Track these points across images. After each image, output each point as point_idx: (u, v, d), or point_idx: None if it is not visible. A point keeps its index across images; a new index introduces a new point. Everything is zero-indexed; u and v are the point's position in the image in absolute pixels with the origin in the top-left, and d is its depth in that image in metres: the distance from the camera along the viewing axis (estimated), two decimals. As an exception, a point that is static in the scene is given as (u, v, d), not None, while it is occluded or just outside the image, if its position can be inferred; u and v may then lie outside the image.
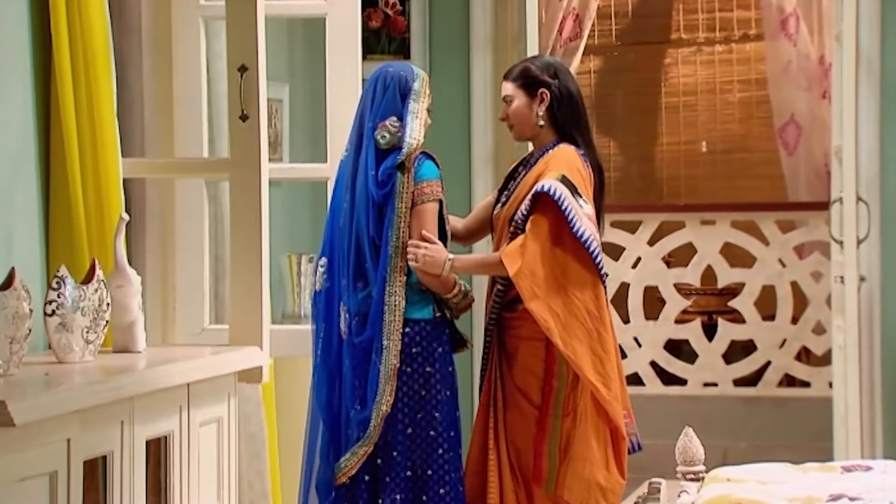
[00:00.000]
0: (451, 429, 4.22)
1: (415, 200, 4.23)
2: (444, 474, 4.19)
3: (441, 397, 4.21)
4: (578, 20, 7.35)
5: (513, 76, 4.43)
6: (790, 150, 7.82)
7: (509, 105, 4.42)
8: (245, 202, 4.19)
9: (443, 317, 4.26)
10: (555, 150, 4.37)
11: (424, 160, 4.26)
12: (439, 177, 4.28)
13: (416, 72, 4.33)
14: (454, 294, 4.27)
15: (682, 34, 9.15)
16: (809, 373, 7.32)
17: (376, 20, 6.13)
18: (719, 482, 3.74)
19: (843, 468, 3.89)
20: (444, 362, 4.23)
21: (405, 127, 4.23)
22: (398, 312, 4.19)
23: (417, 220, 4.22)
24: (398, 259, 4.20)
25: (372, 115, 4.25)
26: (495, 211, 4.46)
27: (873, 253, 5.79)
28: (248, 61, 4.15)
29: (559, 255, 4.23)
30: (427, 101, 4.30)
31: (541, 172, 4.30)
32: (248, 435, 4.61)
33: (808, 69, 7.65)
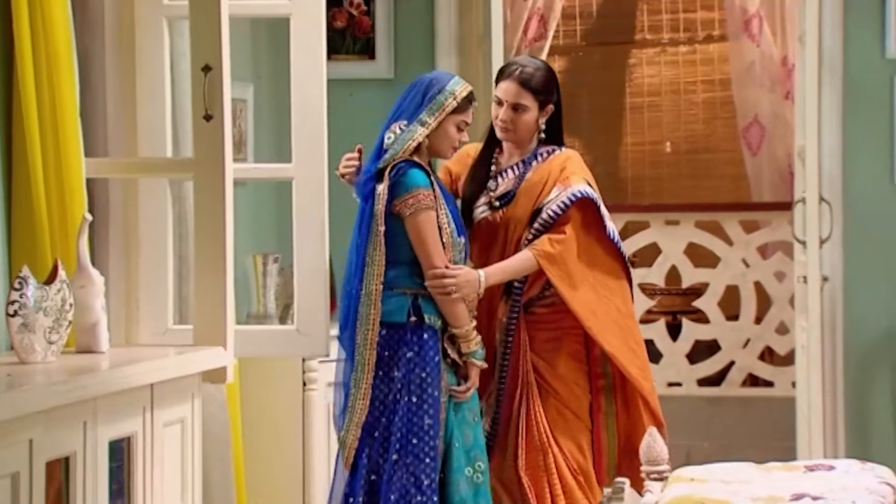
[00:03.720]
0: (413, 436, 4.17)
1: (402, 212, 4.20)
2: (397, 481, 4.16)
3: (402, 403, 4.19)
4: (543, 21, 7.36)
5: (530, 85, 4.42)
6: (754, 150, 7.85)
7: (518, 113, 4.42)
8: (209, 202, 4.18)
9: (418, 321, 4.22)
10: (562, 156, 4.47)
11: (408, 169, 4.21)
12: (428, 185, 4.22)
13: (450, 86, 4.26)
14: (465, 332, 4.23)
15: (646, 35, 9.18)
16: (773, 373, 7.35)
17: (341, 20, 6.12)
18: (683, 482, 3.75)
19: (805, 468, 3.91)
20: (412, 368, 4.19)
21: (403, 133, 4.21)
22: (372, 323, 4.17)
23: (415, 233, 4.19)
24: (373, 269, 4.19)
25: (391, 116, 4.27)
26: (486, 214, 4.44)
27: (836, 253, 5.82)
28: (212, 61, 4.14)
29: (593, 255, 4.40)
30: (459, 116, 4.24)
31: (554, 177, 4.37)
32: (213, 435, 4.60)
33: (771, 70, 7.68)
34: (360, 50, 6.13)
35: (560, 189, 4.40)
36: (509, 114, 4.43)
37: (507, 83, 4.45)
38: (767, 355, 7.43)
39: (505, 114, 4.44)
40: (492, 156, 4.53)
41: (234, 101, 5.06)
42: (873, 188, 5.87)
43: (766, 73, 7.71)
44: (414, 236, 4.20)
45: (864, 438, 5.86)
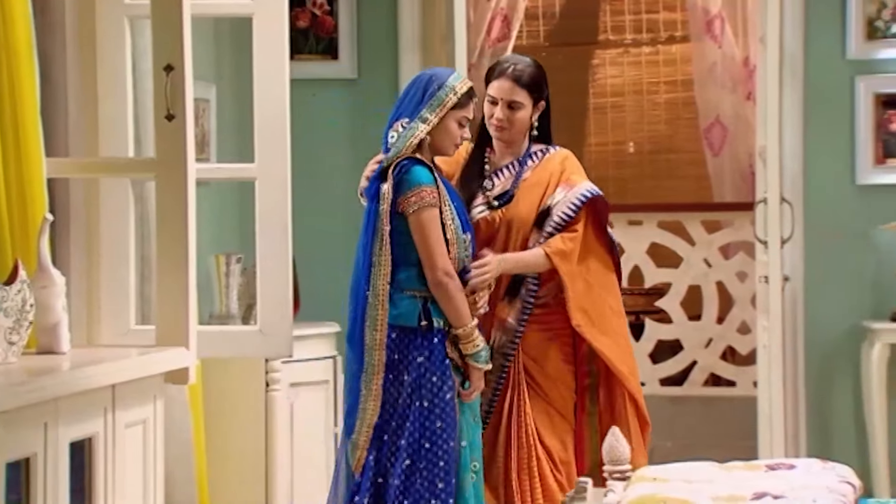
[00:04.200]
0: (426, 440, 4.13)
1: (405, 210, 4.17)
2: (411, 486, 4.12)
3: (413, 408, 4.15)
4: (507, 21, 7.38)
5: (524, 81, 4.43)
6: (716, 150, 7.89)
7: (514, 111, 4.42)
8: (171, 202, 4.16)
9: (430, 325, 4.18)
10: (558, 155, 4.50)
11: (411, 166, 4.18)
12: (432, 182, 4.18)
13: (450, 81, 4.24)
14: (467, 332, 4.19)
15: (609, 35, 9.20)
16: (735, 372, 7.39)
17: (304, 20, 6.11)
18: (645, 481, 3.76)
19: (767, 467, 3.92)
20: (423, 372, 4.16)
21: (405, 131, 4.20)
22: (380, 324, 4.16)
23: (418, 231, 4.16)
24: (379, 270, 4.17)
25: (393, 115, 4.25)
26: (485, 213, 4.45)
27: (797, 253, 5.86)
28: (175, 61, 4.11)
29: (591, 252, 4.44)
30: (460, 112, 4.22)
31: (556, 177, 4.40)
32: (175, 436, 4.58)
33: (732, 71, 7.72)
34: (323, 50, 6.12)
35: (565, 190, 4.44)
36: (505, 112, 4.44)
37: (501, 81, 4.46)
38: (729, 355, 7.46)
39: (501, 112, 4.44)
40: (484, 155, 4.54)
41: (197, 100, 5.04)
42: (834, 188, 5.91)
43: (728, 74, 7.75)
44: (416, 234, 4.16)
45: (825, 437, 5.90)
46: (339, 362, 5.65)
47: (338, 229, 6.16)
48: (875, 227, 5.84)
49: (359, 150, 6.17)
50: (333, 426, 5.59)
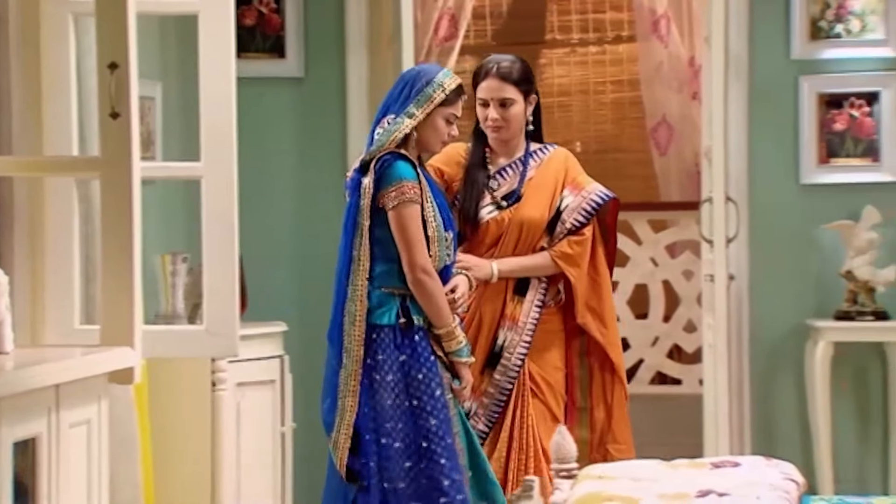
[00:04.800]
0: (422, 439, 4.11)
1: (385, 205, 4.13)
2: (417, 487, 4.09)
3: (402, 408, 4.12)
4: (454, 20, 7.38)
5: (512, 78, 4.44)
6: (662, 150, 7.92)
7: (507, 108, 4.43)
8: (116, 201, 4.13)
9: (408, 323, 4.17)
10: (559, 155, 4.58)
11: (394, 161, 4.15)
12: (414, 177, 4.15)
13: (438, 77, 4.22)
14: (448, 331, 4.17)
15: (556, 35, 9.22)
16: (680, 370, 7.42)
17: (250, 18, 6.09)
18: (591, 479, 3.77)
19: (712, 464, 3.95)
20: (408, 371, 4.13)
21: (390, 126, 4.16)
22: (359, 320, 4.12)
23: (397, 227, 4.12)
24: (358, 265, 4.13)
25: (380, 111, 4.22)
26: (494, 214, 4.46)
27: (742, 252, 5.90)
28: (119, 58, 4.08)
29: (599, 254, 4.54)
30: (448, 109, 4.20)
31: (561, 179, 4.45)
32: (120, 436, 4.55)
33: (678, 70, 7.76)
34: (270, 48, 6.10)
35: (574, 193, 4.50)
36: (499, 111, 4.44)
37: (489, 81, 4.47)
38: (675, 353, 7.50)
39: (494, 112, 4.44)
40: (485, 156, 4.54)
41: (142, 98, 5.01)
42: (778, 188, 5.95)
43: (674, 74, 7.78)
44: (396, 230, 4.13)
45: (769, 435, 5.94)
46: (286, 362, 5.64)
47: (285, 228, 6.15)
48: (819, 227, 5.89)
49: (305, 148, 6.16)
50: (280, 426, 5.57)
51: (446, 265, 4.24)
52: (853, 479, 5.88)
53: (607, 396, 4.57)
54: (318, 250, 6.13)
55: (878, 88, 5.89)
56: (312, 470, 6.03)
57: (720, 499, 3.51)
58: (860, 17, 5.88)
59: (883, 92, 5.88)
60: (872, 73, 5.89)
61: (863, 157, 5.91)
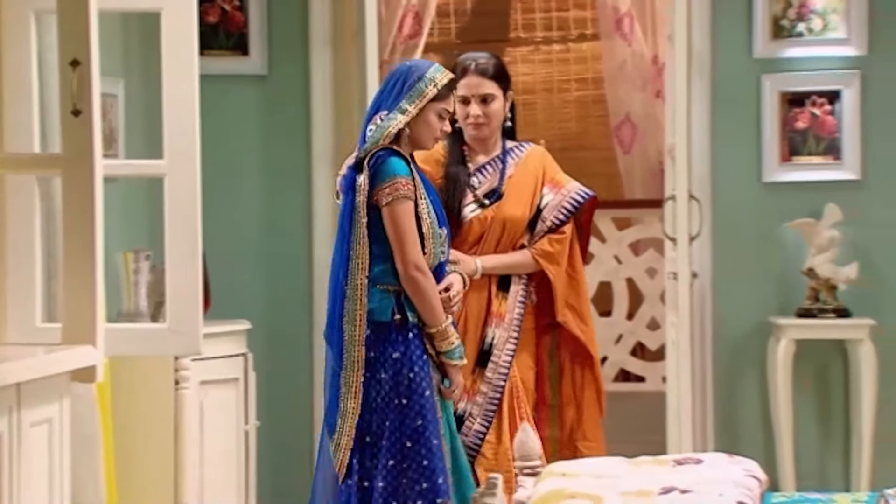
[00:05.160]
0: (406, 438, 4.09)
1: (379, 202, 4.11)
2: (397, 486, 4.07)
3: (392, 406, 4.11)
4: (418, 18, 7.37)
5: (491, 73, 4.45)
6: (626, 148, 7.95)
7: (488, 104, 4.43)
8: (78, 199, 4.11)
9: (403, 320, 4.14)
10: (535, 153, 4.63)
11: (387, 157, 4.12)
12: (408, 174, 4.12)
13: (430, 73, 4.19)
14: (440, 330, 4.15)
15: (520, 33, 9.23)
16: (644, 368, 7.45)
17: (213, 15, 6.07)
18: (555, 477, 3.78)
19: (675, 461, 3.96)
20: (400, 369, 4.11)
21: (383, 122, 4.14)
22: (359, 320, 4.10)
23: (390, 223, 4.09)
24: (357, 263, 4.10)
25: (372, 108, 4.20)
26: (477, 212, 4.46)
27: (705, 250, 5.92)
28: (81, 56, 4.07)
29: (577, 251, 4.56)
30: (440, 104, 4.18)
31: (540, 177, 4.45)
32: (82, 435, 4.53)
33: (642, 69, 7.78)
34: (233, 45, 6.08)
35: (554, 191, 4.51)
36: (480, 107, 4.44)
37: (469, 78, 4.48)
38: (639, 351, 7.52)
39: (476, 108, 4.44)
40: (464, 154, 4.55)
41: (104, 96, 4.98)
42: (741, 186, 5.97)
43: (638, 72, 7.81)
44: (389, 226, 4.10)
45: (732, 432, 5.96)
46: (250, 360, 5.63)
47: (249, 226, 6.13)
48: (781, 225, 5.92)
49: (270, 146, 6.15)
50: (244, 424, 5.56)
51: (440, 262, 4.23)
52: (815, 475, 5.91)
53: (578, 394, 4.59)
54: (283, 248, 6.12)
55: (839, 87, 5.92)
56: (276, 468, 6.03)
57: (683, 496, 3.52)
58: (822, 16, 5.92)
59: (844, 90, 5.91)
60: (834, 72, 5.93)
61: (824, 155, 5.94)
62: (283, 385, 6.05)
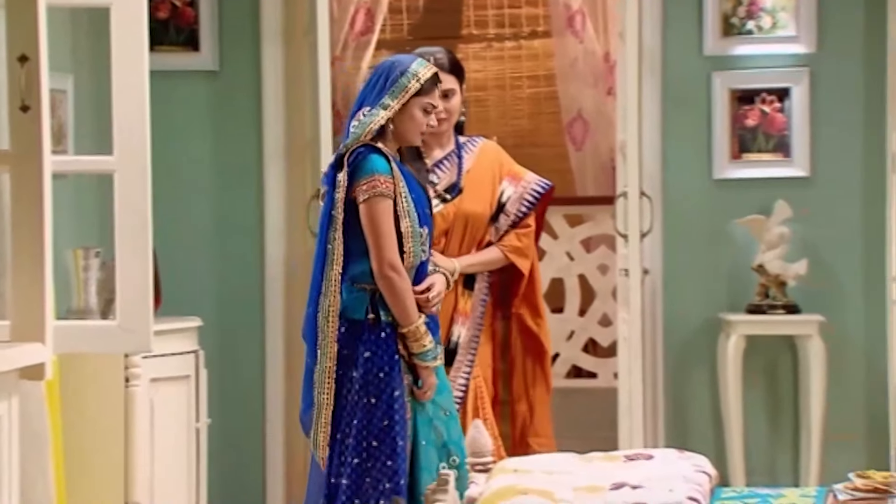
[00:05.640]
0: (373, 438, 4.07)
1: (357, 198, 4.08)
2: (360, 483, 4.05)
3: (361, 404, 4.09)
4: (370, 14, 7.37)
5: (448, 68, 4.45)
6: (578, 145, 7.96)
7: (449, 99, 4.42)
8: (27, 195, 4.08)
9: (377, 319, 4.11)
10: (488, 147, 4.64)
11: (367, 154, 4.09)
12: (388, 171, 4.08)
13: (413, 67, 4.15)
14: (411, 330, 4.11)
15: (472, 30, 9.24)
16: (595, 364, 7.47)
17: (163, 11, 6.04)
18: (506, 473, 3.78)
19: (625, 457, 3.98)
20: (371, 368, 4.09)
21: (366, 118, 4.10)
22: (332, 316, 4.08)
23: (367, 220, 4.06)
24: (332, 259, 4.08)
25: (356, 105, 4.16)
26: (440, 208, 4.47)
27: (656, 246, 5.94)
28: (29, 51, 4.03)
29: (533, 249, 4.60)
30: (425, 99, 4.14)
31: (497, 171, 4.43)
32: (31, 433, 4.50)
33: (594, 66, 7.80)
34: (184, 41, 6.05)
35: (513, 184, 4.50)
36: (442, 102, 4.42)
37: None
38: (591, 347, 7.54)
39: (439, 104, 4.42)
40: (420, 150, 4.55)
41: (53, 92, 4.96)
42: (692, 183, 6.00)
43: (589, 69, 7.82)
44: (365, 223, 4.07)
45: (682, 428, 5.99)
46: (201, 357, 5.61)
47: (200, 223, 6.11)
48: (731, 221, 5.95)
49: (220, 142, 6.12)
50: (195, 421, 5.54)
51: (422, 261, 4.20)
52: (764, 470, 5.95)
53: (529, 390, 4.60)
54: (234, 245, 6.10)
55: (788, 84, 5.95)
56: (227, 465, 6.01)
57: (633, 491, 3.54)
58: (771, 14, 5.95)
59: (793, 88, 5.94)
60: (783, 70, 5.96)
61: (774, 152, 5.97)
62: (234, 382, 6.03)
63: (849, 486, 3.77)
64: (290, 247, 6.07)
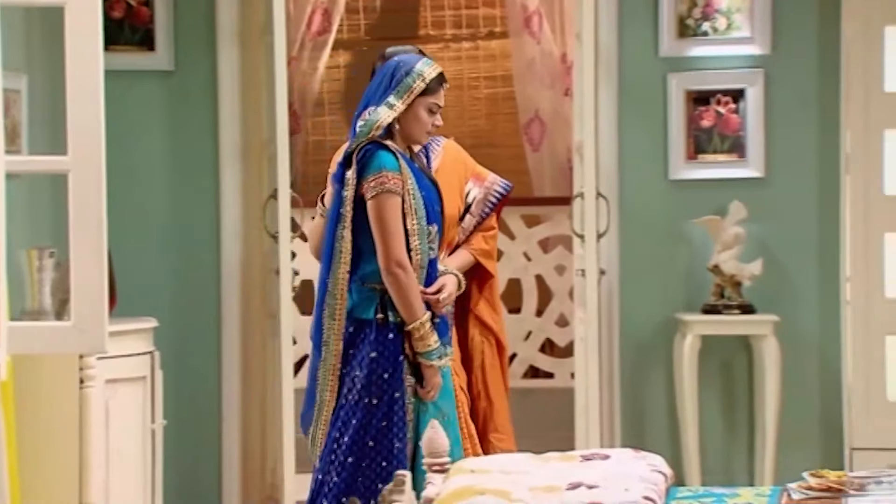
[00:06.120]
0: (370, 438, 4.05)
1: (365, 194, 4.05)
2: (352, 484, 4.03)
3: (362, 404, 4.07)
4: (327, 14, 7.36)
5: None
6: (535, 146, 7.98)
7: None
8: (-20, 195, 4.05)
9: (385, 319, 4.09)
10: (450, 146, 4.58)
11: (376, 151, 4.07)
12: (396, 168, 4.07)
13: (418, 67, 4.14)
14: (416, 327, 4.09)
15: (429, 30, 9.24)
16: (553, 364, 7.49)
17: (119, 10, 6.01)
18: (464, 473, 3.78)
19: (582, 457, 3.98)
20: (375, 368, 4.07)
21: (371, 117, 4.08)
22: (339, 314, 4.05)
23: (373, 217, 4.03)
24: (339, 257, 4.05)
25: (362, 104, 4.14)
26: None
27: (612, 247, 5.96)
28: (-17, 50, 4.01)
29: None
30: (430, 98, 4.13)
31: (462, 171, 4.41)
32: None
33: (551, 67, 7.82)
34: (139, 41, 6.02)
35: (477, 185, 4.48)
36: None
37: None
38: (548, 347, 7.56)
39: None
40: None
41: (7, 91, 4.93)
42: (648, 184, 6.02)
43: (546, 70, 7.85)
44: (373, 219, 4.04)
45: (639, 428, 6.01)
46: (156, 358, 5.58)
47: (156, 223, 6.08)
48: (687, 222, 5.97)
49: (175, 142, 6.10)
50: (150, 423, 5.52)
51: (431, 259, 4.18)
52: (720, 470, 5.98)
53: (489, 387, 4.61)
54: (190, 245, 6.08)
55: (743, 85, 5.99)
56: (183, 466, 5.99)
57: (590, 491, 3.54)
58: (726, 15, 5.98)
59: (748, 89, 5.98)
60: (738, 71, 6.00)
61: (729, 153, 6.01)
62: (190, 383, 6.01)
63: (803, 486, 3.79)
64: (247, 247, 6.05)
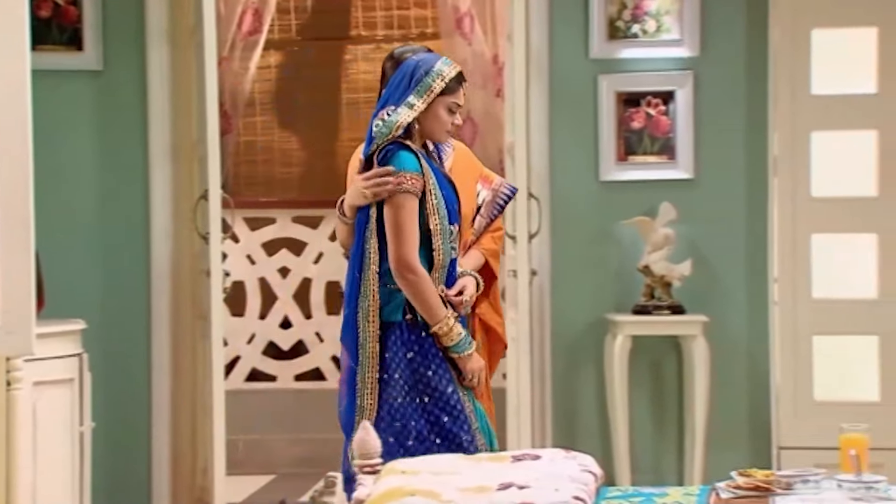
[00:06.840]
0: (435, 436, 4.02)
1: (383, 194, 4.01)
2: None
3: (413, 406, 4.02)
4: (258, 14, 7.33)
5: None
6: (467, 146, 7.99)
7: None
8: None
9: (414, 319, 4.04)
10: (461, 148, 4.55)
11: (397, 151, 4.03)
12: (417, 168, 4.02)
13: (438, 66, 4.10)
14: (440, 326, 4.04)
15: (361, 31, 9.23)
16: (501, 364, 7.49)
17: (46, 10, 5.95)
18: (395, 474, 3.78)
19: (513, 458, 3.99)
20: (416, 368, 4.03)
21: (391, 117, 4.04)
22: (372, 315, 4.01)
23: (389, 216, 3.99)
24: (369, 259, 4.01)
25: (380, 104, 4.10)
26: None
27: (544, 247, 5.98)
28: None
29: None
30: (450, 98, 4.09)
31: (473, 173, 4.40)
32: None
33: (482, 68, 7.83)
34: (67, 40, 5.97)
35: (485, 186, 4.46)
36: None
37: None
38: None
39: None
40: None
41: (-67, 90, 4.85)
42: (579, 184, 6.05)
43: (479, 71, 7.85)
44: (387, 218, 4.00)
45: (570, 428, 6.04)
46: (85, 360, 5.54)
47: (83, 224, 6.03)
48: (618, 223, 6.01)
49: (104, 142, 6.05)
50: (79, 425, 5.48)
51: (452, 259, 4.15)
52: (650, 469, 6.02)
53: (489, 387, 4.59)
54: (119, 246, 6.03)
55: (673, 87, 6.03)
56: (112, 469, 5.95)
57: (520, 491, 3.55)
58: (655, 18, 6.02)
59: (678, 91, 6.02)
60: (668, 73, 6.04)
61: (659, 154, 6.05)
62: (119, 385, 5.97)
63: (731, 485, 3.82)
64: (177, 248, 6.02)
